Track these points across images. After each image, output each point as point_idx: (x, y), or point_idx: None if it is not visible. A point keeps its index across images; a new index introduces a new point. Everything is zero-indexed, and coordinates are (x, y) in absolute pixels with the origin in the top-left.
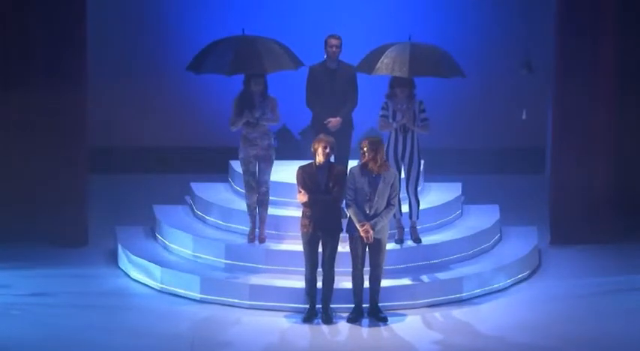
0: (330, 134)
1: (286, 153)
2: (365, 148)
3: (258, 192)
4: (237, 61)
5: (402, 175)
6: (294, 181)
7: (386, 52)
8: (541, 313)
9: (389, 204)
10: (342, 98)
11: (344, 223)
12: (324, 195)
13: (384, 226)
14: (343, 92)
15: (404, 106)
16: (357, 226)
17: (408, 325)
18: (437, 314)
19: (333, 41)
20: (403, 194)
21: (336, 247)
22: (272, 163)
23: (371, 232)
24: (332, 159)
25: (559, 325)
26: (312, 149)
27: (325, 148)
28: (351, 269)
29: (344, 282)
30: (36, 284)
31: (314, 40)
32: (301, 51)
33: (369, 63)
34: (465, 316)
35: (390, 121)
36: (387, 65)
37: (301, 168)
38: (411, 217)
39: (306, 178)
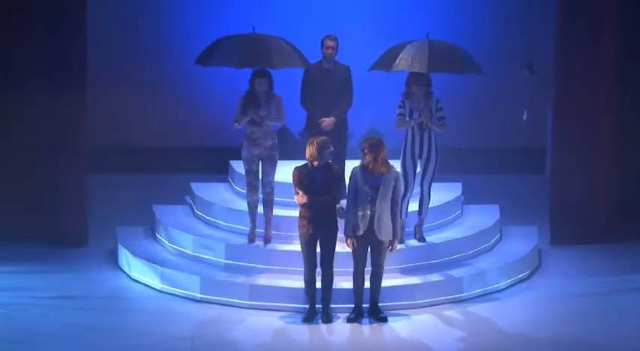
0: (325, 134)
1: (286, 153)
2: (366, 150)
3: (263, 192)
4: (246, 55)
5: (419, 171)
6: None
7: (404, 49)
8: (541, 313)
9: (394, 201)
10: (337, 98)
11: (341, 223)
12: (321, 195)
13: (387, 227)
14: (338, 92)
15: (421, 104)
16: (348, 233)
17: (408, 325)
18: (437, 314)
19: (329, 43)
20: (413, 191)
21: (334, 247)
22: (276, 163)
23: (353, 241)
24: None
25: (559, 325)
26: (309, 152)
27: (322, 149)
28: (351, 269)
29: (344, 282)
30: (36, 284)
31: (316, 40)
32: (305, 51)
33: (387, 60)
34: (465, 316)
35: (407, 119)
36: (407, 61)
37: (297, 169)
38: (420, 214)
39: (303, 179)
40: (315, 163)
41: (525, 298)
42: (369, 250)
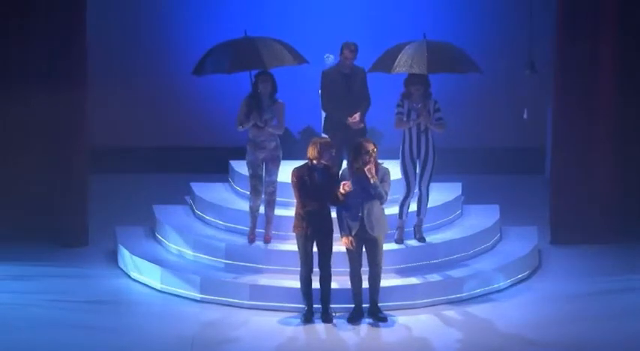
0: (348, 135)
1: (286, 153)
2: (366, 155)
3: (265, 192)
4: (236, 59)
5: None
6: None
7: (403, 51)
8: (541, 313)
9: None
10: (358, 99)
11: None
12: (319, 194)
13: (379, 222)
14: (358, 94)
15: (419, 105)
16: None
17: (408, 325)
18: (437, 315)
19: (349, 55)
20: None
21: (331, 247)
22: (279, 163)
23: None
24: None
25: (558, 325)
26: (310, 151)
27: (324, 150)
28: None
29: (344, 282)
30: (36, 284)
31: (316, 41)
32: (305, 52)
33: (386, 62)
34: (464, 316)
35: (405, 119)
36: (406, 63)
37: (296, 170)
38: (418, 214)
39: (305, 180)
40: (315, 162)
41: (525, 298)
42: (364, 249)
